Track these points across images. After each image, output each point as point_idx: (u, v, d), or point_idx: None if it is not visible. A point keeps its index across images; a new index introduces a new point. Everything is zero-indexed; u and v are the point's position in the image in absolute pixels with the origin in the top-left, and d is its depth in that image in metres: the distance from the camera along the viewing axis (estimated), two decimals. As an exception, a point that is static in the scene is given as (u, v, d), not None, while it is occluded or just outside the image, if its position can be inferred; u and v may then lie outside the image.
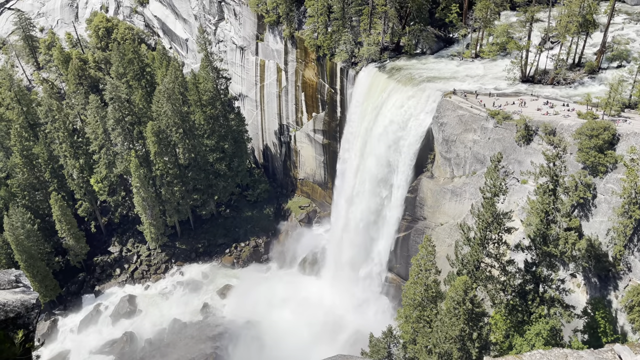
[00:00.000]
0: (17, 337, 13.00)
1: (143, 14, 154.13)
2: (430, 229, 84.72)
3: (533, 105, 72.67)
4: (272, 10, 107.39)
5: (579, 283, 64.02)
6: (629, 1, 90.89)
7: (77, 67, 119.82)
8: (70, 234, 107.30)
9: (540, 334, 53.38)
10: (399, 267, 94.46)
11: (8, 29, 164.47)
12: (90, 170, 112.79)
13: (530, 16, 77.54)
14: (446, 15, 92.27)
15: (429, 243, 57.37)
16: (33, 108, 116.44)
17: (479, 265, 57.88)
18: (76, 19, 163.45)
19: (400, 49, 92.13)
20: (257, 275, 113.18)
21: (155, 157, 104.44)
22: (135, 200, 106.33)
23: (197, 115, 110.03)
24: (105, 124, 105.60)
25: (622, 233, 57.21)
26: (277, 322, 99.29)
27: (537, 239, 55.86)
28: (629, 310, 55.89)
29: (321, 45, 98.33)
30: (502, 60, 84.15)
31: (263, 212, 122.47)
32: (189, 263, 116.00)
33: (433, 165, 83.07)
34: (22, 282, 15.68)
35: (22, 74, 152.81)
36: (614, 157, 59.66)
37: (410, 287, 60.72)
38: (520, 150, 69.38)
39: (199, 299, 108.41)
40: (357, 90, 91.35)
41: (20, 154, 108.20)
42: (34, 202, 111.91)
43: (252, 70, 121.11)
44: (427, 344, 56.92)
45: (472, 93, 77.21)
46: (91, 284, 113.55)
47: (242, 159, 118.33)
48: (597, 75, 77.34)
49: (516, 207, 68.92)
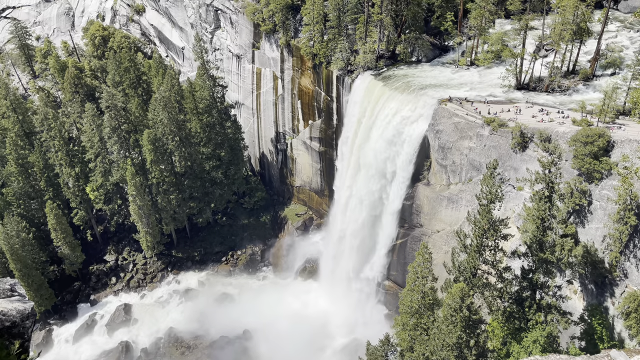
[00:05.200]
0: (13, 348, 12.92)
1: (139, 23, 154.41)
2: (426, 236, 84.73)
3: (528, 113, 73.02)
4: (268, 19, 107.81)
5: (576, 290, 64.07)
6: (623, 9, 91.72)
7: (73, 76, 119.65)
8: (65, 242, 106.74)
9: (537, 341, 53.35)
10: (396, 275, 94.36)
11: (4, 37, 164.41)
12: (86, 179, 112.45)
13: (525, 24, 78.09)
14: (441, 24, 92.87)
15: (426, 250, 57.41)
16: (29, 116, 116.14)
17: (475, 273, 57.91)
18: (72, 28, 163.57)
19: (396, 56, 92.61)
20: (253, 283, 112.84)
21: (152, 165, 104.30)
22: (131, 208, 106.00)
23: (194, 123, 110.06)
24: (101, 132, 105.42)
25: (618, 239, 57.38)
26: (273, 330, 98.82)
27: (534, 245, 55.96)
28: (626, 317, 55.94)
29: (317, 53, 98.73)
30: (497, 67, 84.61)
31: (259, 220, 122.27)
32: (185, 271, 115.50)
33: (429, 173, 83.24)
34: (17, 291, 15.61)
35: (18, 82, 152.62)
36: (609, 164, 59.92)
37: (407, 294, 60.67)
38: (516, 157, 69.64)
39: (196, 307, 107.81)
40: (353, 97, 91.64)
41: (16, 163, 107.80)
42: (29, 211, 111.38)
43: (249, 78, 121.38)
44: (424, 351, 56.77)
45: (468, 100, 77.57)
46: (87, 293, 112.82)
47: (238, 166, 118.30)
48: (591, 83, 77.86)
49: (512, 214, 69.08)
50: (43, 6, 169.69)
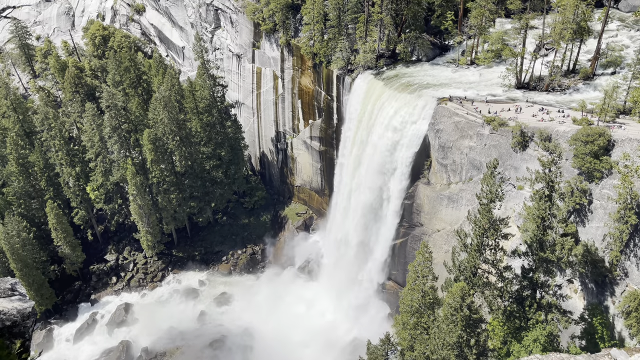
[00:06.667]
0: (14, 347, 12.93)
1: (139, 22, 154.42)
2: (427, 235, 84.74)
3: (528, 112, 73.00)
4: (268, 18, 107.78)
5: (576, 289, 64.07)
6: (623, 8, 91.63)
7: (73, 75, 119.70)
8: (66, 242, 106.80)
9: (537, 340, 53.37)
10: (396, 274, 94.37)
11: (4, 37, 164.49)
12: (86, 178, 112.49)
13: (525, 23, 78.04)
14: (441, 23, 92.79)
15: (426, 249, 57.41)
16: (29, 116, 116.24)
17: (476, 272, 57.93)
18: (73, 27, 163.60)
19: (396, 56, 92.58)
20: (253, 283, 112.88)
21: (152, 165, 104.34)
22: (132, 208, 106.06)
23: (194, 123, 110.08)
24: (101, 131, 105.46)
25: (618, 238, 57.37)
26: (274, 329, 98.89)
27: (534, 244, 55.96)
28: (626, 316, 55.94)
29: (317, 53, 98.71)
30: (497, 67, 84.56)
31: (260, 220, 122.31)
32: (186, 271, 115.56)
33: (429, 172, 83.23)
34: (17, 290, 15.64)
35: (18, 82, 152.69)
36: (609, 163, 59.90)
37: (407, 293, 60.67)
38: (516, 156, 69.63)
39: (196, 306, 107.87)
40: (353, 97, 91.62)
41: (16, 162, 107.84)
42: (29, 211, 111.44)
43: (249, 77, 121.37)
44: (424, 350, 56.80)
45: (468, 100, 77.57)
46: (87, 292, 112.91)
47: (238, 166, 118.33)
48: (591, 82, 77.81)
49: (513, 213, 69.08)
50: (43, 6, 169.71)
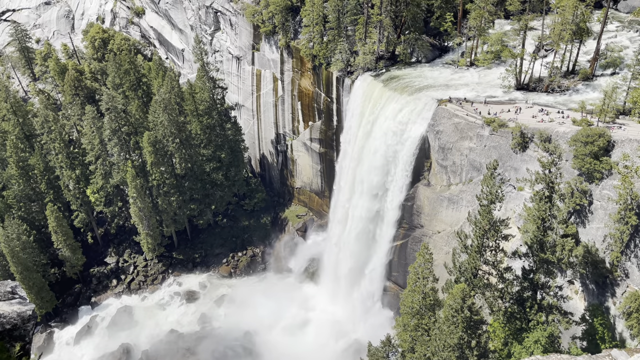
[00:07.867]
0: (14, 350, 12.91)
1: (139, 25, 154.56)
2: (427, 236, 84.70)
3: (528, 113, 73.02)
4: (267, 20, 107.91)
5: (577, 290, 64.02)
6: (622, 8, 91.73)
7: (73, 78, 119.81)
8: (66, 245, 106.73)
9: (538, 341, 53.31)
10: (397, 276, 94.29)
11: (4, 40, 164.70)
12: (86, 181, 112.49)
13: (524, 24, 78.11)
14: (441, 24, 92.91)
15: (427, 251, 57.38)
16: (29, 119, 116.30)
17: (476, 273, 57.88)
18: (72, 30, 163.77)
19: (396, 57, 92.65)
20: (254, 285, 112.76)
21: (152, 167, 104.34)
22: (132, 210, 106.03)
23: (194, 125, 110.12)
24: (101, 134, 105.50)
25: (619, 239, 57.32)
26: (274, 332, 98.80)
27: (534, 245, 55.92)
28: (627, 317, 55.87)
29: (317, 55, 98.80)
30: (496, 68, 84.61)
31: (260, 222, 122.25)
32: (186, 273, 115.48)
33: (430, 173, 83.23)
34: (18, 293, 15.62)
35: (18, 85, 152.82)
36: (609, 164, 59.88)
37: (408, 295, 60.63)
38: (516, 157, 69.63)
39: (196, 309, 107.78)
40: (353, 99, 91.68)
41: (16, 165, 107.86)
42: (29, 214, 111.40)
43: (249, 79, 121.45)
44: (425, 352, 56.73)
45: (468, 101, 77.59)
46: (87, 295, 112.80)
47: (238, 168, 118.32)
48: (591, 83, 77.85)
49: (513, 214, 69.06)
50: (43, 9, 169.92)
